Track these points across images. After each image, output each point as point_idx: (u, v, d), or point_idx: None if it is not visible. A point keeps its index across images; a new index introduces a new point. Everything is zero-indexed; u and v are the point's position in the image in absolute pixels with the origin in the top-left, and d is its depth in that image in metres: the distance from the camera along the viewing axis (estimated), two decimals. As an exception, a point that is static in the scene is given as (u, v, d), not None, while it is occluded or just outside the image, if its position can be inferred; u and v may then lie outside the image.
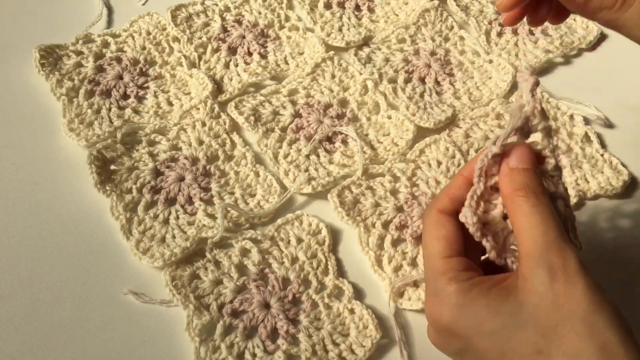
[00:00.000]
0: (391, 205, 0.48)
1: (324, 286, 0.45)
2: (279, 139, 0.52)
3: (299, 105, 0.54)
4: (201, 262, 0.45)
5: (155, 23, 0.61)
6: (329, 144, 0.52)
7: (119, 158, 0.50)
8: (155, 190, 0.48)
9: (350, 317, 0.44)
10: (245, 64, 0.58)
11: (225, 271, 0.45)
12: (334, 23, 0.61)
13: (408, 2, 0.63)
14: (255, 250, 0.46)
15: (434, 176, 0.50)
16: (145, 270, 0.45)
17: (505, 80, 0.56)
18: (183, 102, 0.54)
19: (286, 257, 0.46)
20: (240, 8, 0.63)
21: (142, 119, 0.53)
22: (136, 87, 0.55)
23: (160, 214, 0.47)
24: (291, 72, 0.57)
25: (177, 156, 0.50)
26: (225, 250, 0.46)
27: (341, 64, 0.57)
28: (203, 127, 0.52)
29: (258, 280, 0.44)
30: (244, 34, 0.60)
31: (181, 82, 0.56)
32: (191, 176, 0.49)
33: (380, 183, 0.50)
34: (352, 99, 0.55)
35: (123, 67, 0.56)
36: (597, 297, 0.31)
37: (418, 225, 0.47)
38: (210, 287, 0.44)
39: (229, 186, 0.49)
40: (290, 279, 0.45)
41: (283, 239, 0.47)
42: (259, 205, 0.49)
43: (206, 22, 0.61)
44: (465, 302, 0.33)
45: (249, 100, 0.54)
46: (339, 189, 0.49)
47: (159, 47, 0.59)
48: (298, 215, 0.48)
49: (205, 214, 0.47)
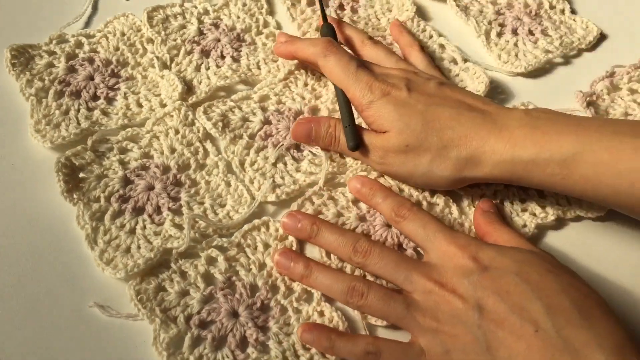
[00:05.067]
0: (353, 215, 0.49)
1: (292, 290, 0.46)
2: (247, 146, 0.52)
3: (269, 112, 0.54)
4: (166, 274, 0.45)
5: (131, 24, 0.61)
6: (297, 152, 0.53)
7: (88, 165, 0.50)
8: (123, 199, 0.48)
9: (320, 320, 0.44)
10: (217, 67, 0.58)
11: (191, 281, 0.45)
12: (313, 21, 0.61)
13: (392, 9, 0.63)
14: (222, 258, 0.46)
15: (397, 184, 0.51)
16: (112, 281, 0.45)
17: (479, 90, 0.56)
18: (152, 103, 0.54)
19: (253, 264, 0.46)
20: (219, 12, 0.63)
21: (110, 121, 0.53)
22: (106, 88, 0.55)
23: (127, 223, 0.47)
24: (262, 77, 0.57)
25: (148, 164, 0.50)
26: (191, 260, 0.46)
27: (315, 72, 0.57)
28: (176, 134, 0.52)
29: (225, 289, 0.45)
30: (220, 37, 0.60)
31: (152, 84, 0.56)
32: (161, 185, 0.49)
33: (342, 193, 0.50)
34: (323, 107, 0.55)
35: (95, 68, 0.56)
36: None
37: (381, 234, 0.48)
38: (177, 299, 0.44)
39: (199, 196, 0.50)
40: (258, 285, 0.45)
41: (250, 245, 0.47)
42: (229, 215, 0.49)
43: (183, 24, 0.61)
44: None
45: (218, 105, 0.54)
46: (299, 202, 0.49)
47: (132, 48, 0.59)
48: (265, 221, 0.48)
49: (172, 224, 0.47)
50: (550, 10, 0.64)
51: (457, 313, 0.40)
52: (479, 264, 0.41)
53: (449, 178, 0.47)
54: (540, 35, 0.61)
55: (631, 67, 0.58)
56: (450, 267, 0.42)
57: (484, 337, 0.39)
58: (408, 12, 0.62)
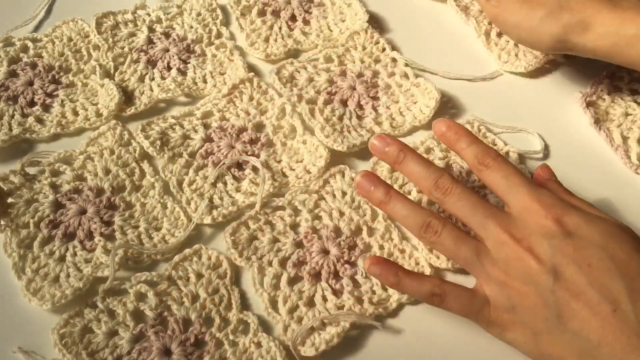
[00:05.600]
0: (290, 241, 0.47)
1: (227, 322, 0.44)
2: (186, 165, 0.51)
3: (211, 129, 0.53)
4: (93, 314, 0.43)
5: (79, 29, 0.59)
6: (238, 171, 0.51)
7: (17, 190, 0.48)
8: (54, 224, 0.47)
9: (257, 351, 0.43)
10: (161, 79, 0.56)
11: (120, 320, 0.43)
12: (262, 32, 0.59)
13: (345, 20, 0.61)
14: (152, 293, 0.44)
15: (338, 207, 0.49)
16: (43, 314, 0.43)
17: (429, 106, 0.54)
18: (89, 112, 0.53)
19: (186, 297, 0.45)
20: (172, 21, 0.61)
21: (42, 128, 0.52)
22: (44, 95, 0.54)
23: (56, 250, 0.46)
24: (207, 92, 0.56)
25: (81, 187, 0.49)
26: (119, 298, 0.44)
27: (261, 86, 0.55)
28: (111, 155, 0.51)
29: (156, 326, 0.43)
30: (169, 47, 0.58)
31: (91, 92, 0.55)
32: (93, 209, 0.48)
33: (280, 217, 0.49)
34: (268, 122, 0.54)
35: (36, 73, 0.55)
36: None
37: (317, 261, 0.46)
38: (105, 340, 0.43)
39: (134, 219, 0.48)
40: (191, 319, 0.44)
41: (182, 277, 0.46)
42: (164, 239, 0.47)
43: (132, 32, 0.59)
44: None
45: (158, 123, 0.53)
46: (234, 226, 0.48)
47: (77, 54, 0.58)
48: (196, 250, 0.47)
49: (104, 250, 0.46)
50: None
51: (530, 272, 0.39)
52: (563, 228, 0.40)
53: (553, 37, 0.50)
54: None
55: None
56: (530, 224, 0.40)
57: (556, 304, 0.38)
58: (361, 21, 0.59)
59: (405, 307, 0.46)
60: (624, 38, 0.48)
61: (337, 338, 0.43)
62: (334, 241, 0.47)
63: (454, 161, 0.52)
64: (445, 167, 0.51)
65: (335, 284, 0.46)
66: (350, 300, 0.45)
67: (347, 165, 0.51)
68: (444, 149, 0.53)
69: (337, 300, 0.45)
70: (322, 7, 0.62)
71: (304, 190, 0.50)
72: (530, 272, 0.39)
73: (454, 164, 0.52)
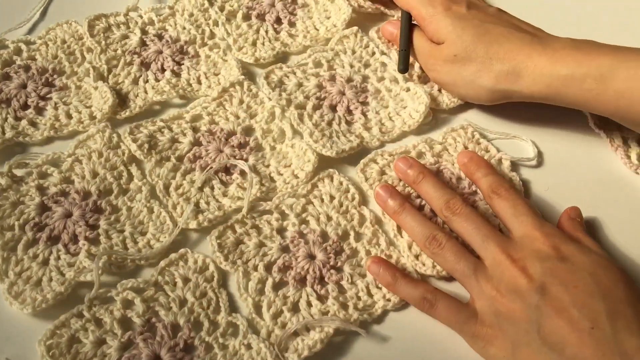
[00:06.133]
0: (276, 245, 0.47)
1: (217, 325, 0.44)
2: (173, 169, 0.50)
3: (200, 133, 0.53)
4: (80, 323, 0.43)
5: (73, 32, 0.59)
6: (225, 175, 0.51)
7: (3, 192, 0.48)
8: (39, 227, 0.47)
9: (248, 353, 0.43)
10: (156, 81, 0.56)
11: (107, 329, 0.43)
12: (249, 36, 0.59)
13: (330, 16, 0.60)
14: (139, 300, 0.44)
15: (326, 212, 0.49)
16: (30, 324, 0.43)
17: (418, 111, 0.53)
18: (82, 115, 0.53)
19: (173, 302, 0.44)
20: (165, 22, 0.61)
21: (36, 132, 0.52)
22: (37, 98, 0.54)
23: (40, 253, 0.46)
24: (202, 92, 0.55)
25: (68, 190, 0.49)
26: (105, 306, 0.44)
27: (251, 89, 0.55)
28: (99, 158, 0.50)
29: (145, 333, 0.43)
30: (162, 49, 0.58)
31: (84, 95, 0.55)
32: (79, 212, 0.47)
33: (267, 221, 0.48)
34: (257, 126, 0.53)
35: (29, 76, 0.55)
36: None
37: (302, 266, 0.46)
38: (93, 350, 0.42)
39: (119, 223, 0.48)
40: (180, 324, 0.43)
41: (168, 282, 0.45)
42: (149, 244, 0.47)
43: (125, 34, 0.59)
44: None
45: (147, 126, 0.52)
46: (220, 230, 0.47)
47: (71, 57, 0.57)
48: (182, 254, 0.46)
49: (87, 254, 0.46)
50: None
51: (520, 289, 0.41)
52: (558, 253, 0.42)
53: (489, 89, 0.51)
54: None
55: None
56: (528, 248, 0.43)
57: (539, 319, 0.40)
58: (345, 15, 0.59)
59: (390, 314, 0.46)
60: (558, 79, 0.48)
61: (320, 344, 0.43)
62: (321, 246, 0.47)
63: (444, 167, 0.51)
64: (436, 172, 0.51)
65: (320, 289, 0.46)
66: (335, 306, 0.45)
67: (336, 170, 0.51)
68: (435, 154, 0.52)
69: (321, 306, 0.45)
70: (307, 7, 0.62)
71: (291, 195, 0.50)
72: (520, 289, 0.41)
73: (445, 169, 0.51)
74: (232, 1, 0.61)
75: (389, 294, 0.46)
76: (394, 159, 0.51)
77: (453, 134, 0.53)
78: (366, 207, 0.50)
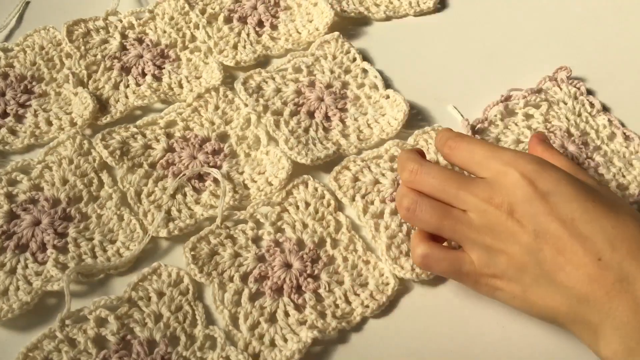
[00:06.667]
0: (252, 255, 0.46)
1: (194, 339, 0.43)
2: (145, 176, 0.50)
3: (174, 139, 0.52)
4: (53, 345, 0.41)
5: (51, 38, 0.58)
6: (198, 182, 0.50)
7: (-29, 201, 0.47)
8: (7, 235, 0.46)
9: None
10: (137, 85, 0.55)
11: (82, 348, 0.42)
12: (230, 39, 0.58)
13: (312, 20, 0.60)
14: (112, 317, 0.43)
15: (302, 219, 0.48)
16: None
17: (397, 119, 0.52)
18: (63, 122, 0.52)
19: (148, 317, 0.43)
20: (145, 26, 0.60)
21: (16, 140, 0.51)
22: (17, 105, 0.53)
23: (7, 262, 0.45)
24: (184, 96, 0.55)
25: (38, 197, 0.48)
26: (79, 325, 0.43)
27: (227, 95, 0.54)
28: (70, 164, 0.50)
29: (120, 351, 0.42)
30: (142, 53, 0.57)
31: (64, 101, 0.54)
32: (48, 220, 0.47)
33: (242, 230, 0.47)
34: (233, 133, 0.52)
35: (7, 84, 0.54)
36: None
37: (279, 275, 0.45)
38: None
39: (89, 231, 0.47)
40: (156, 340, 0.42)
41: (142, 297, 0.44)
42: (118, 253, 0.46)
43: (105, 39, 0.58)
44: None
45: (119, 132, 0.51)
46: (193, 241, 0.46)
47: (49, 63, 0.57)
48: (155, 268, 0.45)
49: (55, 263, 0.45)
50: None
51: (515, 234, 0.40)
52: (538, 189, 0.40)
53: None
54: None
55: (528, 91, 0.55)
56: (507, 186, 0.41)
57: (542, 260, 0.39)
58: (327, 18, 0.58)
59: (369, 321, 0.45)
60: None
61: (298, 354, 0.42)
62: (297, 254, 0.46)
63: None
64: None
65: (297, 298, 0.45)
66: (312, 315, 0.44)
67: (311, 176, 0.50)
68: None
69: (299, 316, 0.44)
70: (289, 10, 0.61)
71: (266, 203, 0.49)
72: (515, 234, 0.40)
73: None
74: (213, 4, 0.61)
75: (367, 299, 0.45)
76: (367, 165, 0.50)
77: (425, 135, 0.53)
78: (342, 212, 0.49)
